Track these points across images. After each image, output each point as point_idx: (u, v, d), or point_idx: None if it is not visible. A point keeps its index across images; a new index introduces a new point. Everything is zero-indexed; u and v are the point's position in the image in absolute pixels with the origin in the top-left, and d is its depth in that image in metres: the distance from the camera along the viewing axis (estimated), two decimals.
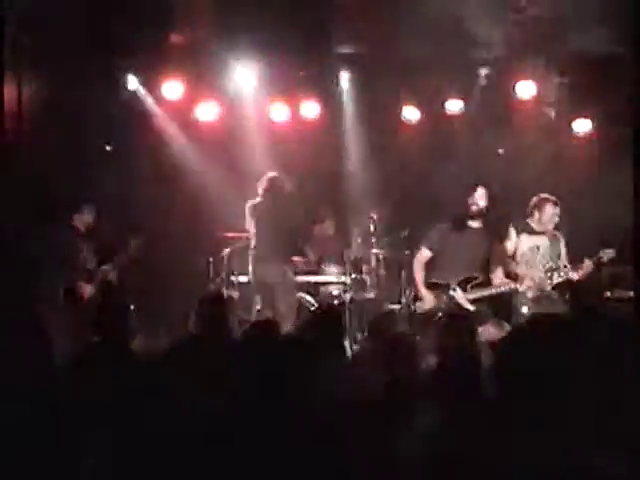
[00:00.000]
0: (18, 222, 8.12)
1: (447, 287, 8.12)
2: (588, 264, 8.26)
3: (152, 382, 4.96)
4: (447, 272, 8.18)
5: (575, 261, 8.40)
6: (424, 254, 8.37)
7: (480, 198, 8.37)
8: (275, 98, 10.53)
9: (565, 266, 8.40)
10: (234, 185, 9.76)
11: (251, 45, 9.60)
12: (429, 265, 8.33)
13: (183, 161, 10.48)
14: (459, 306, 7.70)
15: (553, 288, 8.29)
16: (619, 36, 8.42)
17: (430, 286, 8.22)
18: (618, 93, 9.31)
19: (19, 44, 8.27)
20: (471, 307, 7.48)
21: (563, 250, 8.64)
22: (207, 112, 10.52)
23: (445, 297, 8.05)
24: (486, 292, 8.02)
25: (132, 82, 10.24)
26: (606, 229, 9.03)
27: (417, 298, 8.21)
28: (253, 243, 9.08)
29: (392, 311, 8.85)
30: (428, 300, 8.13)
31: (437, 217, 9.11)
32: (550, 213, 8.55)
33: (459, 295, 7.77)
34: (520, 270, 8.45)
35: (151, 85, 10.29)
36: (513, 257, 8.56)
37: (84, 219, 8.78)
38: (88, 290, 8.57)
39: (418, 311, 8.14)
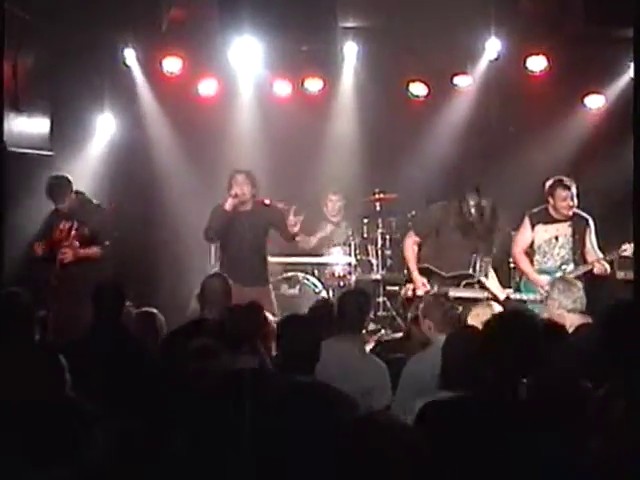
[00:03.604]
0: None
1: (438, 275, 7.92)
2: (599, 266, 8.01)
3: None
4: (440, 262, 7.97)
5: (607, 247, 8.13)
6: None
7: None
8: (277, 75, 10.31)
9: (575, 261, 8.15)
10: (235, 164, 9.48)
11: (252, 20, 9.16)
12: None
13: (182, 139, 10.25)
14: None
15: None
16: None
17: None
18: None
19: (14, 16, 8.02)
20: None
21: (591, 237, 8.23)
22: (207, 89, 10.31)
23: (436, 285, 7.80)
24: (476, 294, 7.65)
25: (131, 57, 9.97)
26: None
27: None
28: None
29: None
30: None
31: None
32: (562, 197, 8.09)
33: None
34: (536, 264, 8.22)
35: (150, 61, 10.05)
36: (531, 249, 8.27)
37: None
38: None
39: None
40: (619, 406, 3.61)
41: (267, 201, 8.59)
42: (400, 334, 7.79)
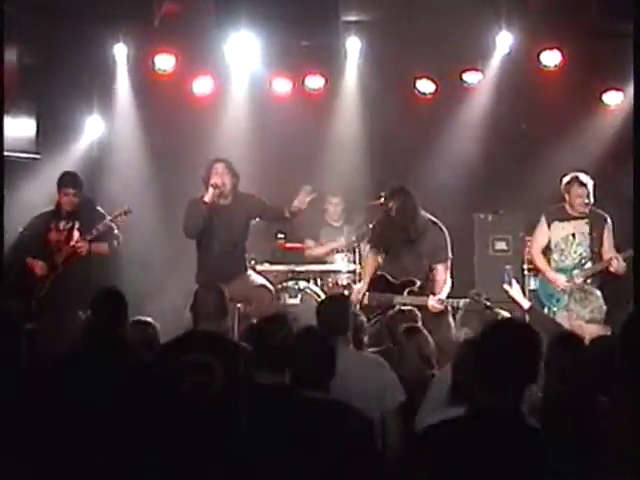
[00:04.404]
0: None
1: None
2: (616, 263, 7.91)
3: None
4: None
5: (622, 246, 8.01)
6: None
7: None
8: (276, 72, 10.12)
9: (593, 259, 8.13)
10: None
11: (250, 14, 8.95)
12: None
13: (176, 140, 10.00)
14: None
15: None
16: None
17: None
18: None
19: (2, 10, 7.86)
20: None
21: (607, 235, 8.17)
22: (202, 87, 10.14)
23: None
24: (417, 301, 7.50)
25: (121, 54, 9.84)
26: None
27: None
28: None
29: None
30: None
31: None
32: (577, 193, 8.12)
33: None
34: (553, 262, 8.26)
35: (141, 58, 9.90)
36: (548, 247, 8.30)
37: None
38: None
39: None
40: (629, 418, 3.55)
41: None
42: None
